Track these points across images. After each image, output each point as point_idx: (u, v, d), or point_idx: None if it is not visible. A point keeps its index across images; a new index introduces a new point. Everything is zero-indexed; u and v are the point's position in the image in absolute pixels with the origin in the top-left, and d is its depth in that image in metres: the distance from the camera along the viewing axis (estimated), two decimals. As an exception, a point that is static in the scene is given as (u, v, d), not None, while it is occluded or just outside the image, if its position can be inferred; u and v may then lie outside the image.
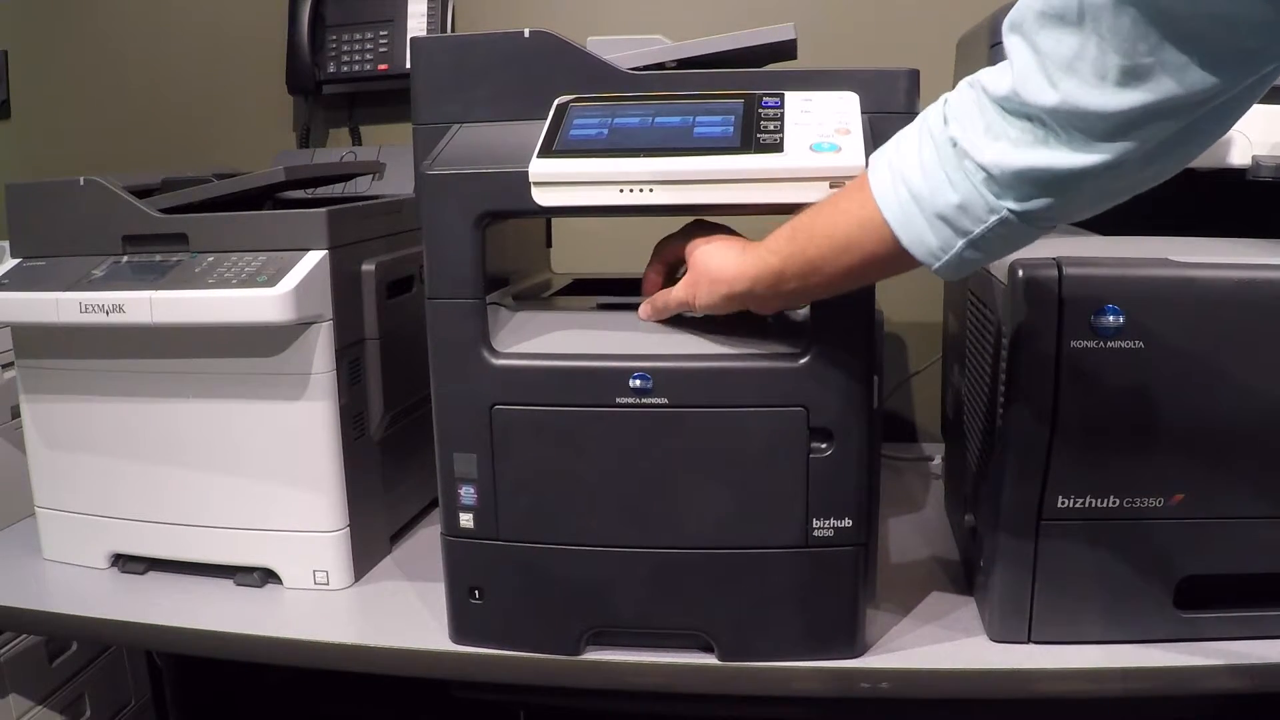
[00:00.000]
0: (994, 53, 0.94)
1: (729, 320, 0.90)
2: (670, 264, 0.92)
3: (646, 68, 0.92)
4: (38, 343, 1.11)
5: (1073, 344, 0.84)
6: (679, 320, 0.90)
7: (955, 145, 0.68)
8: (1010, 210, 0.67)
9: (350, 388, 1.07)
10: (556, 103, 0.88)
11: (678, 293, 0.87)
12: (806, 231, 0.77)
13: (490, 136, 0.88)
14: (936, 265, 0.71)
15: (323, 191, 1.37)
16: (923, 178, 0.69)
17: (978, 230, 0.68)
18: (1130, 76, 0.59)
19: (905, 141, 0.73)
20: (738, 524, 0.89)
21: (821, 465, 0.87)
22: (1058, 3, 0.61)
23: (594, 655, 0.94)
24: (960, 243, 0.69)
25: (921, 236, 0.70)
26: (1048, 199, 0.66)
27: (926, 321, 1.44)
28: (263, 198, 1.23)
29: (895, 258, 0.72)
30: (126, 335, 1.06)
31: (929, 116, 0.71)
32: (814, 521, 0.88)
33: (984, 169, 0.66)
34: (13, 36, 1.74)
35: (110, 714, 1.41)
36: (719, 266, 0.83)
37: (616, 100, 0.87)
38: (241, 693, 1.59)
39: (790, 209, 0.82)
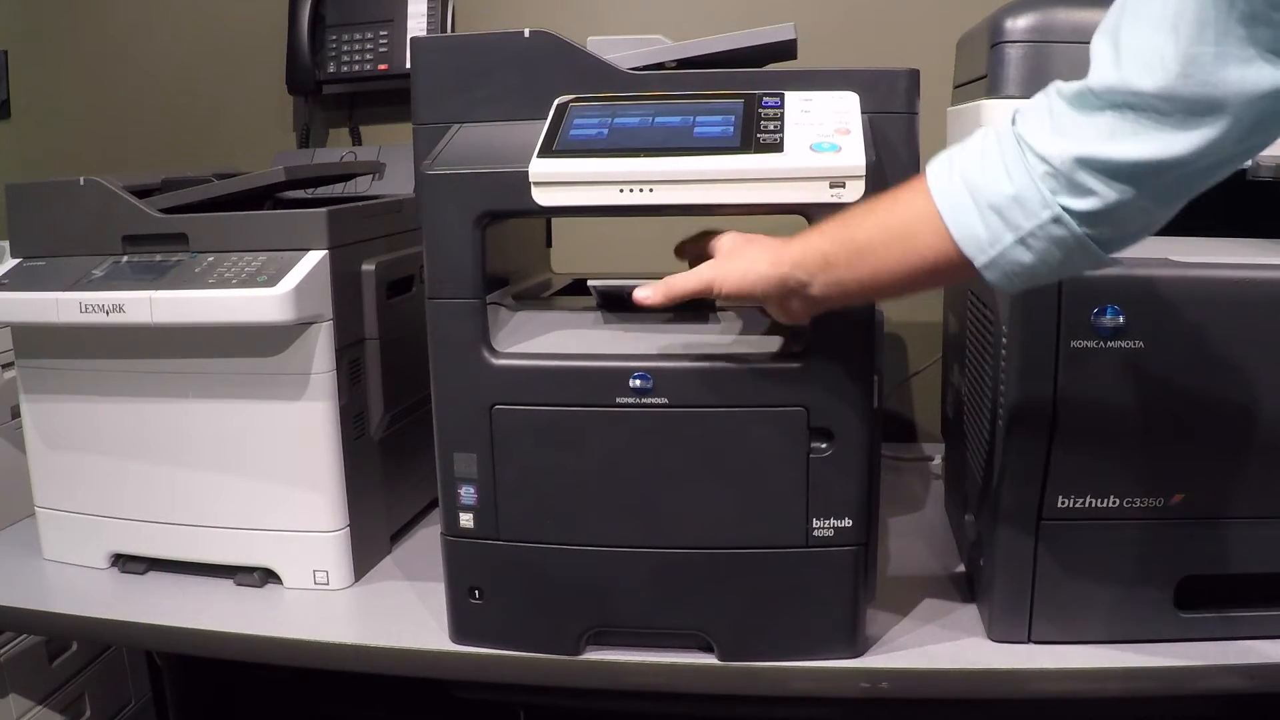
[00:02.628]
0: (994, 53, 0.94)
1: (729, 320, 0.90)
2: (692, 257, 0.88)
3: (646, 68, 0.92)
4: (38, 343, 1.11)
5: (1073, 344, 0.84)
6: (679, 320, 0.90)
7: (1020, 141, 0.67)
8: (1064, 208, 0.66)
9: (350, 388, 1.07)
10: (556, 103, 0.88)
11: (700, 271, 0.81)
12: (857, 219, 0.75)
13: (490, 136, 0.88)
14: (984, 261, 0.69)
15: (323, 191, 1.37)
16: (981, 169, 0.69)
17: (1028, 226, 0.67)
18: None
19: (968, 141, 0.72)
20: (738, 524, 0.89)
21: (821, 465, 0.87)
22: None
23: (594, 655, 0.94)
24: (1009, 238, 0.68)
25: (972, 229, 0.69)
26: (1108, 194, 0.65)
27: (926, 321, 1.43)
28: (263, 198, 1.23)
29: (946, 257, 0.70)
30: (126, 335, 1.06)
31: (997, 121, 0.71)
32: (814, 521, 0.88)
33: (1045, 160, 0.66)
34: (13, 36, 1.74)
35: (110, 714, 1.41)
36: (758, 248, 0.80)
37: (616, 100, 0.87)
38: (241, 693, 1.59)
39: (790, 209, 0.82)
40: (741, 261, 0.80)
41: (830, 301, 0.78)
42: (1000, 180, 0.68)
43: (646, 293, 0.82)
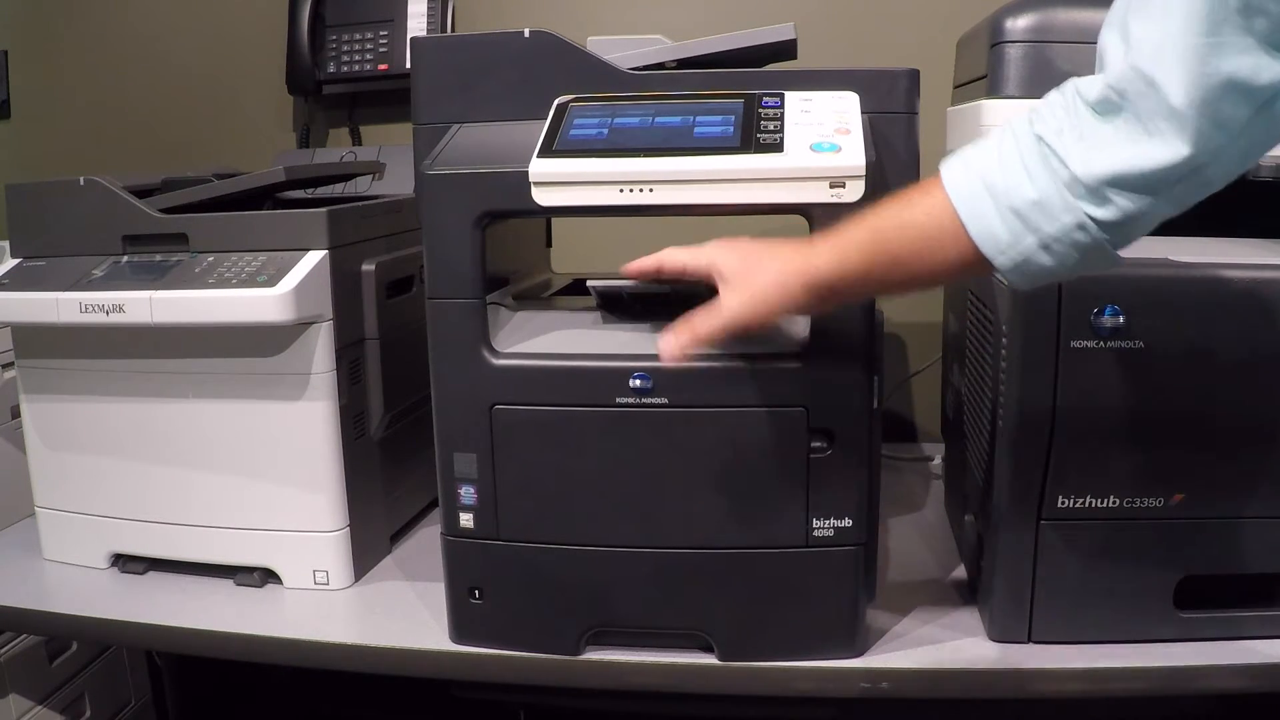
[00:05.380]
0: (994, 53, 0.94)
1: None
2: (676, 274, 0.82)
3: (646, 68, 0.92)
4: (38, 343, 1.11)
5: (1073, 344, 0.84)
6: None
7: (1041, 140, 0.67)
8: (1087, 215, 0.66)
9: (350, 388, 1.07)
10: (556, 103, 0.88)
11: (724, 308, 0.77)
12: (886, 226, 0.73)
13: (490, 136, 0.88)
14: (1004, 262, 0.69)
15: (323, 191, 1.37)
16: (1000, 171, 0.68)
17: (1050, 230, 0.67)
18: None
19: (984, 142, 0.71)
20: (738, 524, 0.89)
21: (821, 465, 0.87)
22: None
23: (594, 655, 0.94)
24: (1030, 240, 0.67)
25: (991, 230, 0.68)
26: (1129, 205, 0.65)
27: (926, 321, 1.43)
28: (263, 198, 1.23)
29: (966, 257, 0.70)
30: (126, 335, 1.06)
31: (1012, 121, 0.70)
32: (814, 521, 0.88)
33: (1068, 166, 0.65)
34: (13, 36, 1.74)
35: (110, 714, 1.41)
36: (772, 263, 0.76)
37: (616, 100, 0.87)
38: (241, 693, 1.59)
39: (790, 209, 0.82)
40: (765, 283, 0.76)
41: (864, 299, 0.83)
42: (1022, 183, 0.67)
43: (672, 347, 0.78)
